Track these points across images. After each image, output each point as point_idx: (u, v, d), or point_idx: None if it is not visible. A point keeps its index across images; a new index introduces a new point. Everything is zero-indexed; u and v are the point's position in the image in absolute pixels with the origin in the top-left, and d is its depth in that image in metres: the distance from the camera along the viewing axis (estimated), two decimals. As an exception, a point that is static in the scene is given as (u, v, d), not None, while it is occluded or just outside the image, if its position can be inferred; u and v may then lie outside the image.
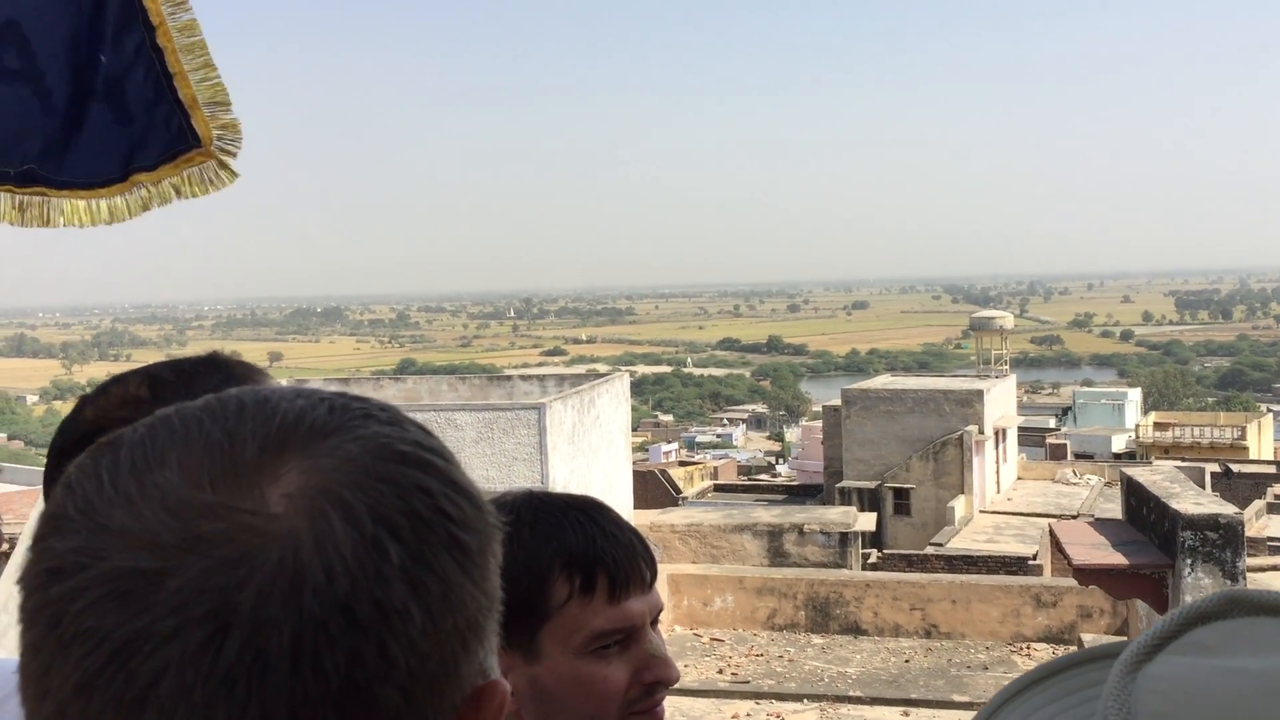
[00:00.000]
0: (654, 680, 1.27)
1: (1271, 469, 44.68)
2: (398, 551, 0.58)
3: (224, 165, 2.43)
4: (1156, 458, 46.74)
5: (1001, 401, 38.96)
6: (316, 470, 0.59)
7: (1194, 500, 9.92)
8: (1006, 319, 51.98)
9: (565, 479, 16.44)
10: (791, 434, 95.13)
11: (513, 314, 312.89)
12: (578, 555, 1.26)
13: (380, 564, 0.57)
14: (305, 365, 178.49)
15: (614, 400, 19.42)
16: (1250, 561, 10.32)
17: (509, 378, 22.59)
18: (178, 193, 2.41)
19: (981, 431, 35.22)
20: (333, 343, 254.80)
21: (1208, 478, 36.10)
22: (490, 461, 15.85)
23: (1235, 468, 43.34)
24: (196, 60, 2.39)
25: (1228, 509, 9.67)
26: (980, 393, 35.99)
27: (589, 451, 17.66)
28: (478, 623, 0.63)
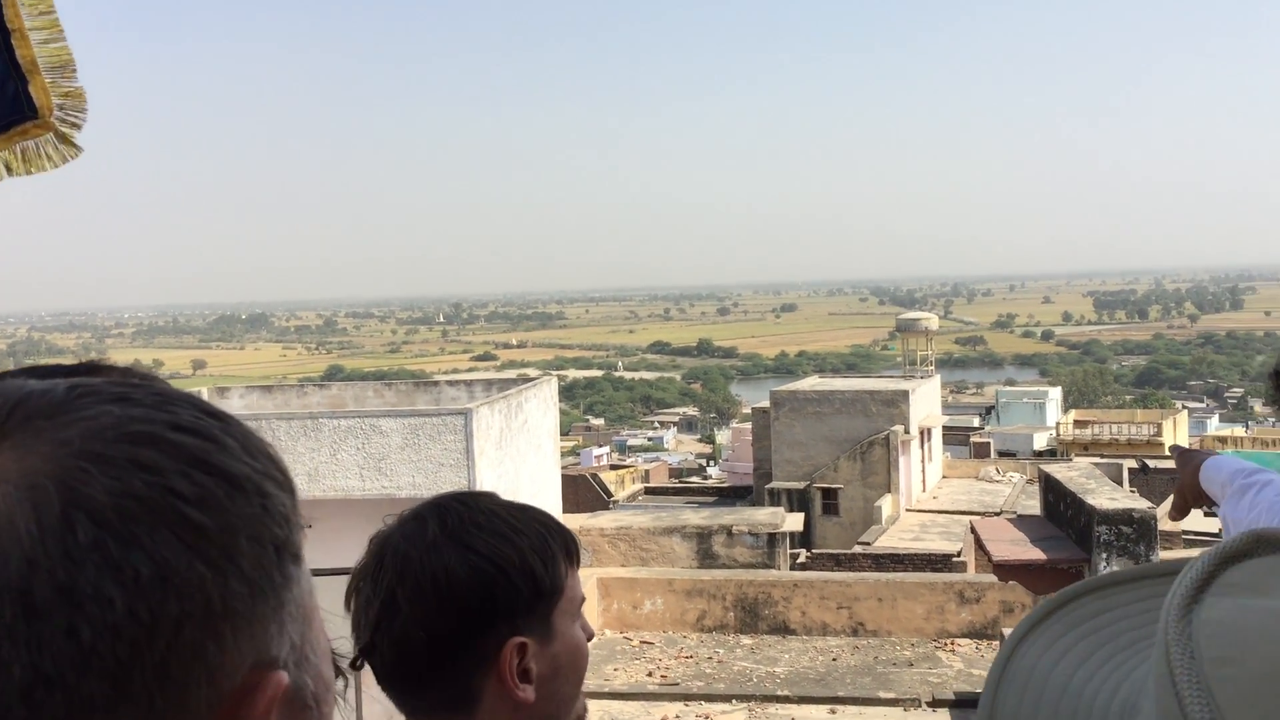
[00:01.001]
0: (590, 634, 1.45)
1: (1186, 464, 45.79)
2: (90, 531, 0.54)
3: (65, 139, 2.15)
4: (1076, 455, 47.74)
5: (927, 402, 39.53)
6: (26, 454, 0.56)
7: (1109, 496, 10.14)
8: (931, 320, 52.75)
9: (493, 484, 16.33)
10: (722, 436, 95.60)
11: (442, 319, 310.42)
12: (566, 534, 1.41)
13: (67, 545, 0.53)
14: (230, 373, 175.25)
15: (542, 404, 19.34)
16: (1165, 555, 10.56)
17: (436, 383, 22.38)
18: (8, 169, 2.14)
19: (908, 431, 35.69)
20: (258, 349, 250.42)
21: (1125, 474, 36.95)
22: (416, 468, 15.69)
23: (1151, 463, 44.42)
24: (42, 18, 2.08)
25: (1141, 504, 9.91)
26: (906, 393, 36.48)
27: (516, 456, 17.57)
28: (232, 609, 0.58)
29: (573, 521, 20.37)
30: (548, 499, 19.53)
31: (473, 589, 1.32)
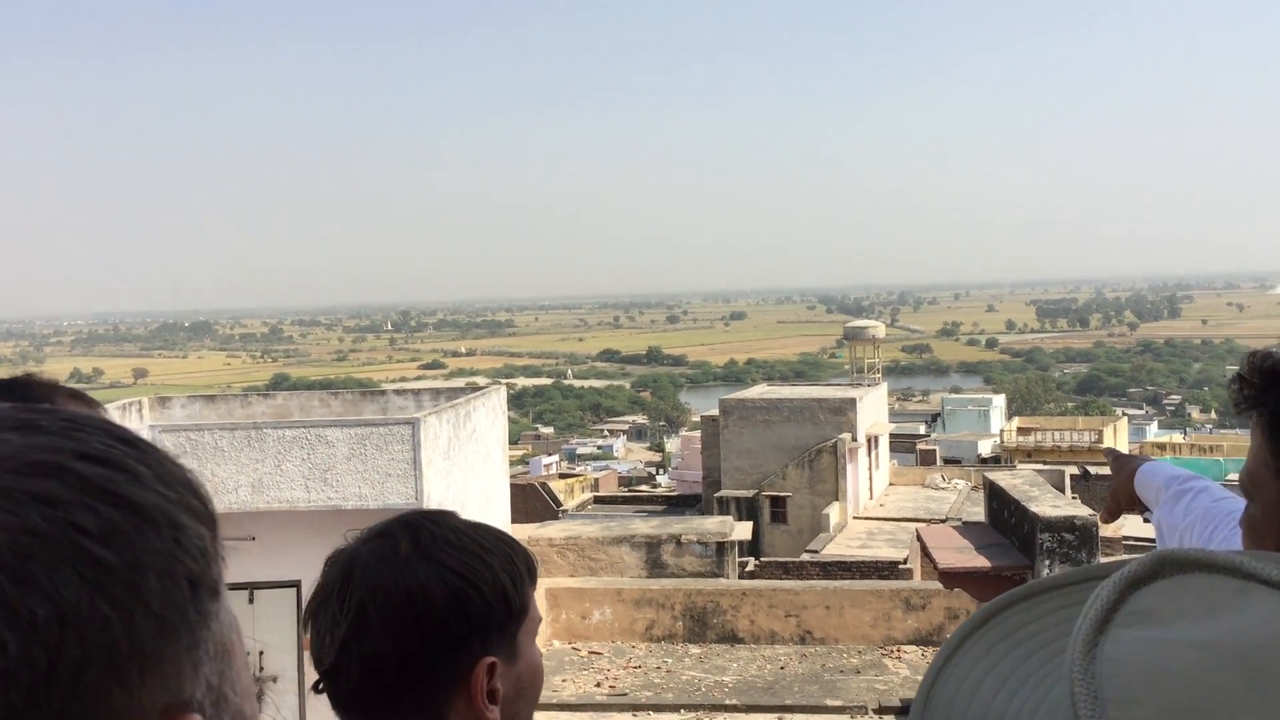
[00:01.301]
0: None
1: (1127, 470, 46.62)
2: None
3: None
4: (1020, 461, 48.42)
5: (874, 409, 39.87)
6: None
7: (1052, 503, 10.28)
8: (878, 328, 53.24)
9: (440, 495, 16.21)
10: (671, 444, 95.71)
11: (390, 327, 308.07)
12: (526, 553, 1.42)
13: None
14: (172, 382, 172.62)
15: (491, 414, 19.24)
16: (1107, 560, 10.74)
17: (383, 392, 22.19)
18: None
19: (855, 439, 35.97)
20: (201, 358, 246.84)
21: (1067, 480, 37.51)
22: (363, 478, 15.52)
23: (1093, 470, 45.15)
24: None
25: (1083, 511, 10.06)
26: (854, 401, 36.77)
27: (465, 466, 17.45)
28: (140, 650, 0.55)
29: (521, 532, 20.29)
30: (497, 509, 19.43)
31: (449, 607, 1.31)
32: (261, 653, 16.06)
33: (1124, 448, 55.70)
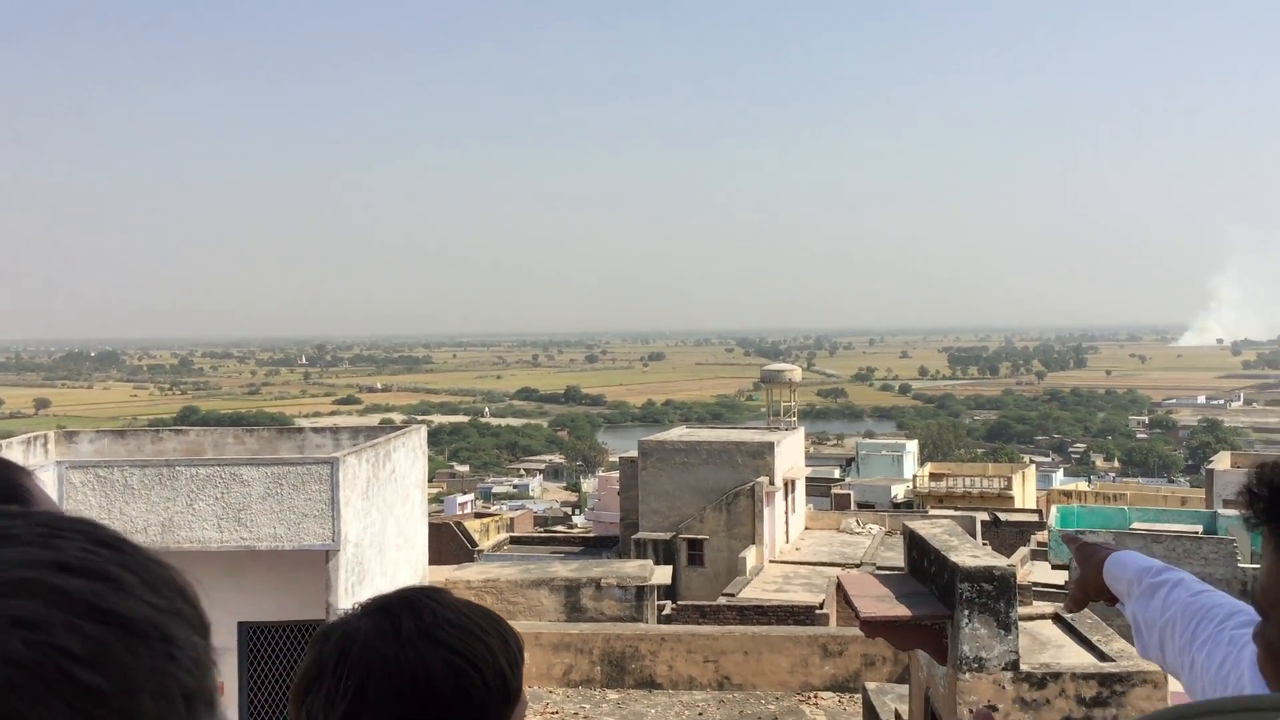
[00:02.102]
0: None
1: (1034, 517, 47.66)
2: None
3: None
4: (932, 506, 49.17)
5: (791, 453, 40.20)
6: None
7: (971, 553, 10.44)
8: (795, 372, 53.72)
9: (358, 536, 15.94)
10: (588, 485, 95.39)
11: (304, 361, 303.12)
12: (517, 635, 1.41)
13: None
14: (76, 413, 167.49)
15: (410, 453, 19.00)
16: (1021, 610, 10.92)
17: (300, 430, 21.79)
18: None
19: (772, 483, 36.21)
20: (107, 389, 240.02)
21: (978, 526, 38.20)
22: (279, 519, 15.20)
23: (1003, 516, 46.02)
24: None
25: (1001, 561, 10.22)
26: (771, 445, 37.04)
27: (383, 507, 17.19)
28: None
29: (439, 573, 20.01)
30: (415, 551, 19.15)
31: (451, 688, 1.29)
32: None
33: (1032, 495, 56.90)
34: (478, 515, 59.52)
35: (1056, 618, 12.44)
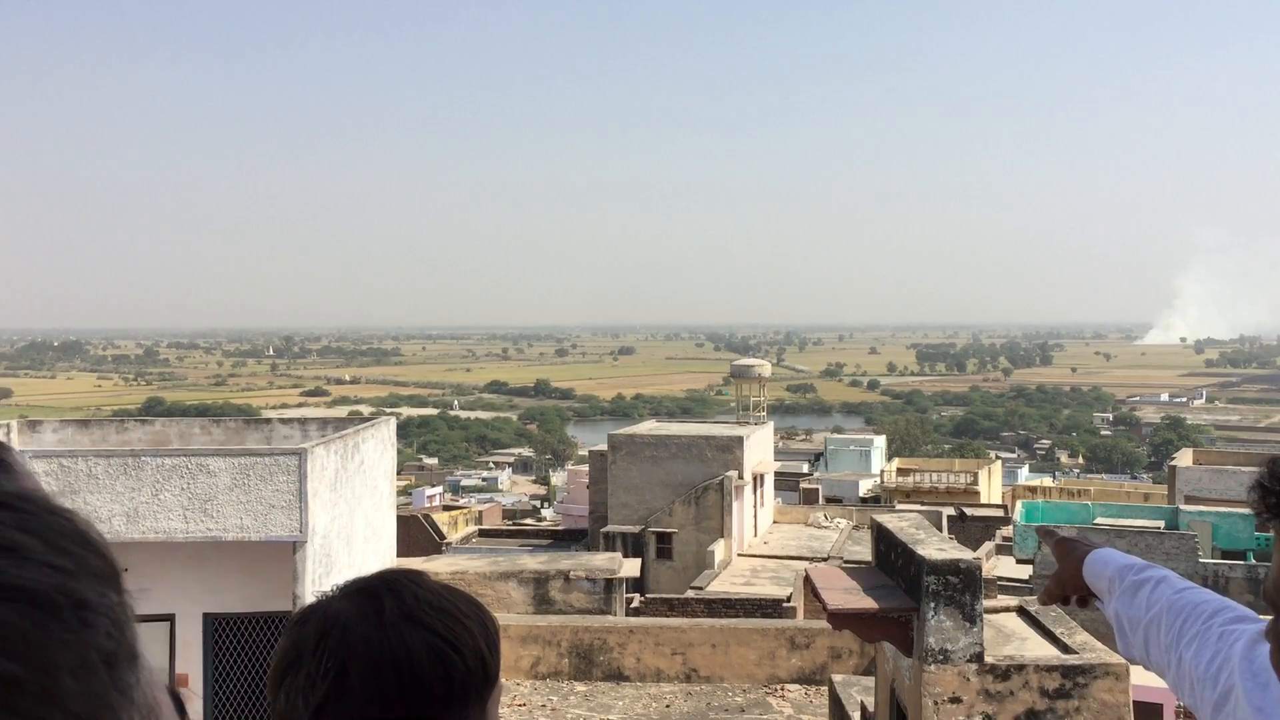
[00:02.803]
0: None
1: (1000, 512, 48.07)
2: None
3: None
4: (899, 501, 49.50)
5: (760, 447, 40.34)
6: None
7: (938, 546, 10.52)
8: (765, 367, 53.90)
9: (325, 527, 15.86)
10: (557, 478, 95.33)
11: (272, 352, 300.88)
12: (494, 619, 1.39)
13: None
14: (38, 403, 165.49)
15: (379, 445, 18.93)
16: (986, 604, 11.02)
17: (268, 421, 21.65)
18: None
19: (741, 477, 36.32)
20: (70, 379, 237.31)
21: (945, 521, 38.47)
22: (245, 509, 15.10)
23: (969, 511, 46.38)
24: None
25: (967, 555, 10.31)
26: (741, 439, 37.15)
27: (351, 499, 17.12)
28: None
29: (407, 566, 19.94)
30: (383, 543, 19.08)
31: (434, 671, 1.28)
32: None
33: (998, 490, 57.40)
34: (446, 508, 59.37)
35: (1021, 610, 12.57)
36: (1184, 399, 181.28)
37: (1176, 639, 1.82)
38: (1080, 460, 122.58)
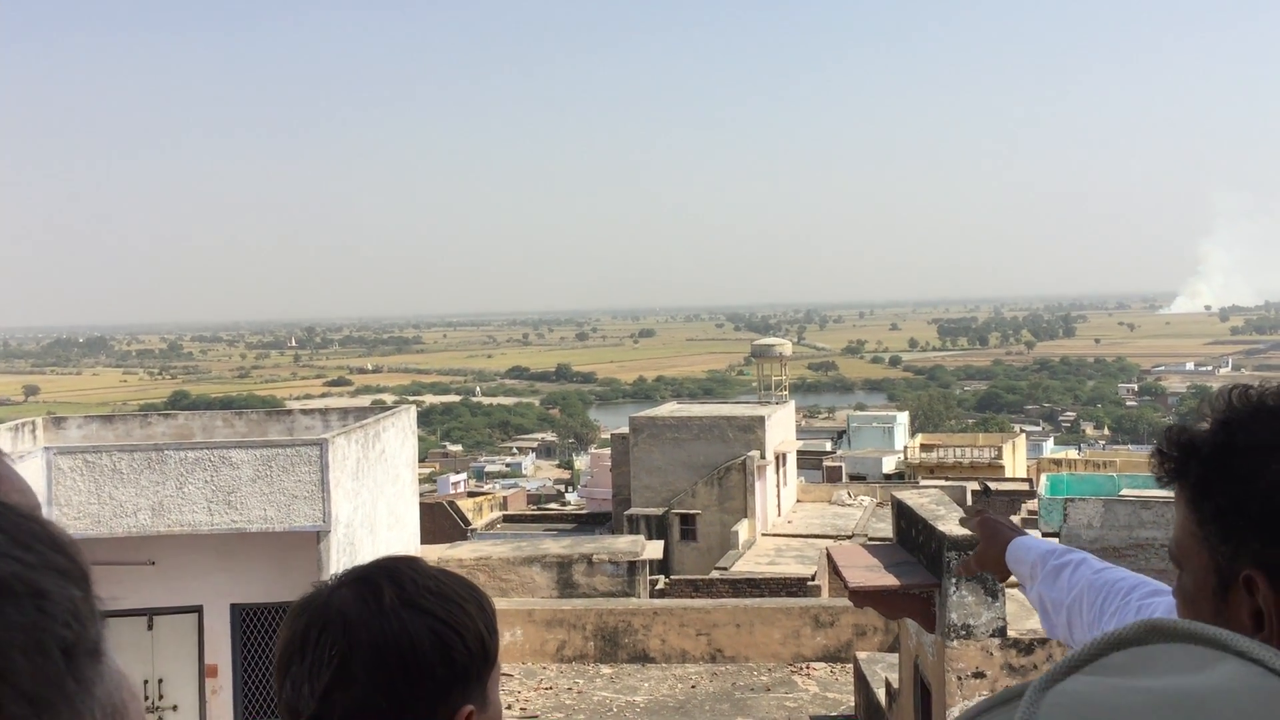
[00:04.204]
0: None
1: (1025, 486, 47.88)
2: None
3: None
4: (923, 478, 49.37)
5: (782, 427, 40.31)
6: None
7: (958, 522, 10.50)
8: (785, 346, 53.85)
9: (348, 516, 15.96)
10: (580, 462, 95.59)
11: (294, 343, 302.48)
12: (490, 600, 1.43)
13: None
14: (66, 399, 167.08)
15: (400, 433, 19.02)
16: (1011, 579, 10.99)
17: (289, 412, 21.77)
18: None
19: (764, 456, 36.32)
20: (96, 374, 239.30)
21: (969, 497, 38.37)
22: (268, 500, 15.21)
23: (993, 485, 46.23)
24: None
25: (986, 529, 10.28)
26: (762, 419, 37.14)
27: (373, 487, 17.21)
28: None
29: (431, 552, 20.07)
30: (406, 531, 19.19)
31: (436, 655, 1.31)
32: (161, 681, 15.60)
33: (1022, 464, 57.15)
34: (470, 494, 59.59)
35: (1044, 584, 12.53)
36: (1210, 368, 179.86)
37: (1098, 615, 1.91)
38: (1106, 432, 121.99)
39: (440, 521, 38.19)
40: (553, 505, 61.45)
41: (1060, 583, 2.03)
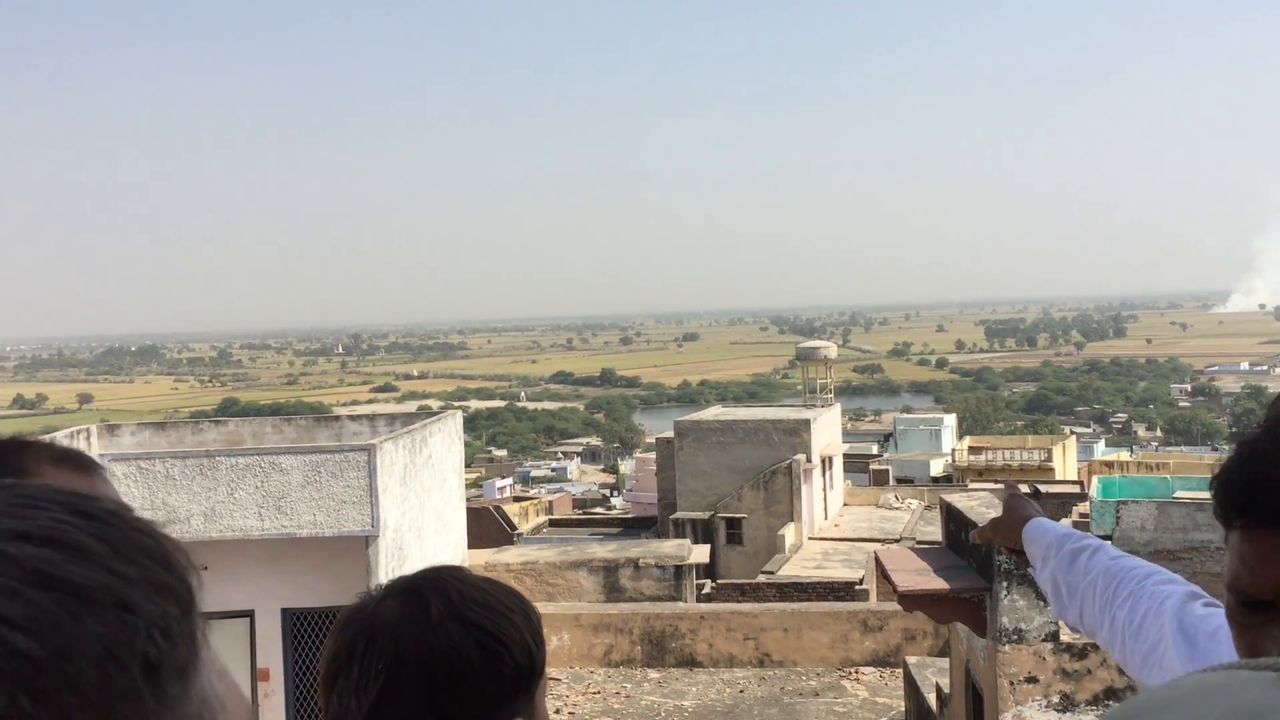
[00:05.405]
0: None
1: (1076, 488, 47.24)
2: None
3: None
4: (971, 480, 48.85)
5: (828, 430, 40.10)
6: None
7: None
8: (830, 349, 53.57)
9: (397, 521, 16.08)
10: (626, 466, 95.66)
11: (341, 350, 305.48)
12: (537, 611, 1.44)
13: None
14: (119, 407, 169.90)
15: (446, 439, 19.13)
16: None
17: (337, 418, 21.99)
18: None
19: (809, 460, 36.14)
20: (148, 383, 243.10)
21: (1019, 499, 37.86)
22: (318, 506, 15.36)
23: (1043, 488, 45.66)
24: None
25: (1038, 532, 10.14)
26: (808, 422, 36.96)
27: (421, 492, 17.33)
28: None
29: (478, 557, 20.17)
30: (453, 536, 19.30)
31: (483, 669, 1.30)
32: (214, 684, 15.79)
33: (1073, 466, 56.40)
34: (516, 499, 59.76)
35: (1097, 588, 12.35)
36: (1265, 367, 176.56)
37: (1111, 599, 1.94)
38: (1158, 433, 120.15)
39: (487, 526, 38.37)
40: (598, 510, 61.49)
41: (1077, 566, 2.05)
